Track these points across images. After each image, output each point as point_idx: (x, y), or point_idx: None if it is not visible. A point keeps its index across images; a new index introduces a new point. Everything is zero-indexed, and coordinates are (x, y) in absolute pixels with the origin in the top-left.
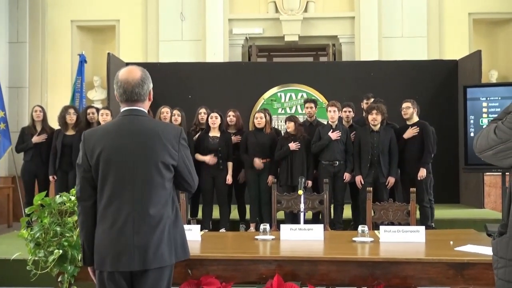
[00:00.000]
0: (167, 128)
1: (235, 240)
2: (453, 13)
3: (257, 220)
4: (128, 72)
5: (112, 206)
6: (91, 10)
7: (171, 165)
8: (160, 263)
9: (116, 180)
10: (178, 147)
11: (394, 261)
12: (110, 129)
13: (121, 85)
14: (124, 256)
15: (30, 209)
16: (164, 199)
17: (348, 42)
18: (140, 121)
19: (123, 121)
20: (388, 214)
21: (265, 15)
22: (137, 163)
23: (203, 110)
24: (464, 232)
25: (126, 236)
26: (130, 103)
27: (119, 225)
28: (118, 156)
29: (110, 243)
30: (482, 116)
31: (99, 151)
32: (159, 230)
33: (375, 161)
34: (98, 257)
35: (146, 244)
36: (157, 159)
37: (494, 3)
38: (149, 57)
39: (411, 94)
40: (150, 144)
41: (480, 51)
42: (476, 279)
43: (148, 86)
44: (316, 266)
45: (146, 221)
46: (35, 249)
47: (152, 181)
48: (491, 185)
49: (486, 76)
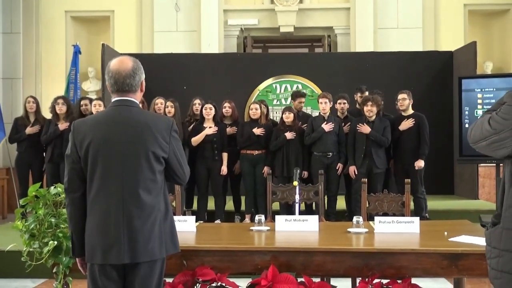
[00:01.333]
0: (158, 120)
1: (230, 231)
2: (448, 4)
3: (252, 211)
4: (119, 62)
5: (101, 198)
6: (86, 1)
7: (162, 157)
8: (150, 256)
9: (105, 172)
10: (169, 139)
11: (389, 251)
12: (100, 120)
13: (112, 76)
14: (114, 248)
15: (25, 200)
16: (155, 191)
17: (344, 33)
18: (131, 112)
19: (114, 111)
20: (383, 205)
21: (261, 6)
22: (126, 154)
23: (198, 101)
24: (459, 223)
25: (116, 228)
26: (121, 93)
27: (108, 217)
28: (108, 147)
29: (99, 236)
30: (477, 107)
31: (88, 141)
32: (149, 223)
33: (369, 152)
34: (89, 250)
35: (136, 237)
36: (147, 151)
37: None
38: (144, 48)
39: (406, 85)
40: (140, 136)
41: (475, 42)
42: (470, 269)
43: (140, 77)
44: (311, 257)
45: (136, 214)
46: (30, 240)
47: (142, 173)
48: (486, 176)
49: (481, 67)
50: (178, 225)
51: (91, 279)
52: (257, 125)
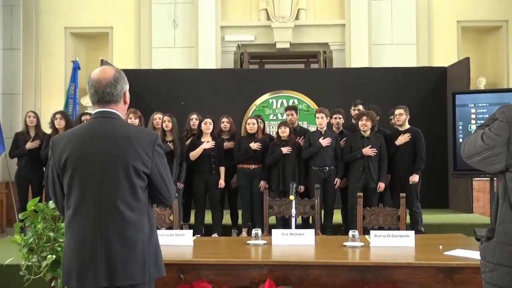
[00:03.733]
0: (141, 133)
1: (227, 245)
2: (441, 20)
3: (249, 225)
4: (100, 71)
5: (78, 216)
6: (85, 17)
7: (143, 172)
8: (130, 280)
9: (83, 188)
10: (152, 154)
11: (384, 265)
12: (79, 133)
13: (92, 85)
14: (90, 271)
15: (24, 214)
16: (138, 210)
17: (339, 49)
18: (112, 124)
19: (93, 124)
20: (378, 219)
21: (257, 23)
22: (105, 169)
23: (195, 116)
24: (453, 236)
25: (92, 249)
26: (102, 104)
27: (85, 237)
28: (85, 162)
29: (75, 258)
30: (471, 122)
31: (65, 156)
32: (129, 243)
33: (366, 166)
34: (65, 272)
35: (114, 259)
36: (127, 165)
37: (482, 11)
38: (142, 63)
39: (401, 101)
40: (119, 149)
41: (468, 58)
42: (465, 283)
43: (122, 87)
44: (307, 271)
45: (114, 233)
46: (29, 254)
47: (121, 188)
48: (480, 190)
49: (474, 83)
50: (176, 239)
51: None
52: (254, 139)
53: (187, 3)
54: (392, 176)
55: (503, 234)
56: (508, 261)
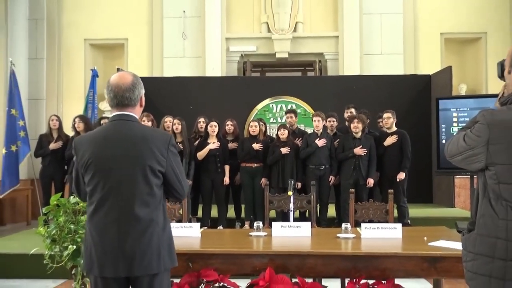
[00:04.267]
0: (156, 134)
1: (231, 236)
2: (426, 32)
3: (251, 218)
4: (119, 77)
5: (99, 212)
6: (102, 30)
7: (158, 171)
8: (146, 270)
9: (103, 187)
10: (166, 154)
11: (374, 255)
12: (98, 135)
13: (111, 90)
14: (110, 262)
15: (47, 208)
16: (153, 205)
17: (333, 59)
18: (129, 127)
19: (112, 126)
20: (369, 212)
21: (259, 35)
22: (123, 169)
23: (202, 119)
24: (437, 229)
25: (113, 242)
26: (121, 108)
27: (106, 231)
28: (105, 162)
29: (97, 249)
30: (453, 125)
31: (87, 157)
32: (146, 237)
33: (356, 165)
34: (87, 262)
35: (133, 251)
36: (144, 165)
37: (463, 24)
38: (155, 72)
39: (389, 105)
40: (137, 150)
41: (450, 66)
42: (447, 271)
43: (139, 92)
44: (304, 260)
45: (133, 228)
46: (51, 245)
47: (138, 187)
48: (461, 187)
49: (456, 89)
50: (185, 231)
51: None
52: (256, 140)
53: (195, 17)
54: (381, 173)
55: (483, 227)
56: (487, 251)
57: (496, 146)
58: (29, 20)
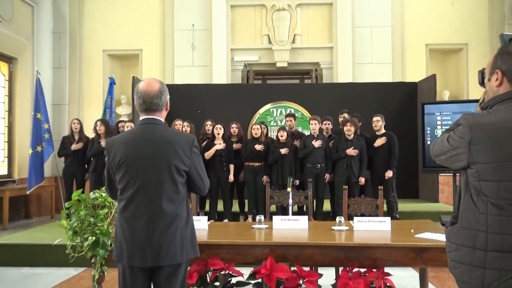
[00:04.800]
0: (181, 137)
1: (235, 228)
2: (412, 43)
3: (254, 212)
4: (147, 84)
5: (129, 207)
6: (119, 41)
7: (183, 170)
8: (171, 260)
9: (133, 184)
10: (190, 154)
11: (366, 246)
12: (129, 138)
13: (140, 96)
14: (138, 252)
15: (69, 203)
16: (178, 201)
17: (328, 68)
18: (156, 130)
19: (141, 129)
20: (361, 207)
21: (261, 46)
22: (151, 168)
23: (209, 122)
24: (423, 222)
25: (142, 235)
26: (149, 112)
27: (136, 224)
28: (135, 162)
29: (127, 241)
30: (437, 128)
31: (119, 157)
32: (171, 230)
33: (349, 164)
34: (117, 252)
35: (159, 243)
36: (170, 165)
37: (446, 35)
38: (166, 79)
39: (379, 110)
40: (164, 151)
41: (435, 74)
42: (432, 260)
43: (165, 97)
44: (302, 250)
45: (160, 222)
46: (73, 236)
47: (165, 185)
48: (444, 184)
49: (440, 95)
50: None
51: (121, 276)
52: (258, 142)
53: (203, 30)
54: (372, 171)
55: (465, 220)
56: (468, 242)
57: (477, 146)
58: (53, 33)
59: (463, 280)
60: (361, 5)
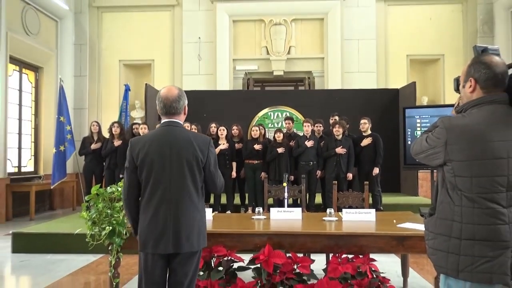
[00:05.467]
0: (198, 138)
1: (237, 219)
2: (395, 54)
3: (253, 204)
4: (167, 90)
5: (153, 200)
6: (134, 52)
7: (201, 167)
8: (189, 248)
9: (156, 179)
10: (207, 153)
11: (353, 234)
12: (152, 138)
13: (161, 101)
14: (162, 241)
15: (89, 197)
16: (197, 195)
17: (319, 76)
18: (176, 131)
19: (162, 131)
20: (348, 200)
21: (259, 56)
22: (172, 165)
23: (213, 124)
24: (404, 213)
25: (164, 225)
26: (169, 115)
27: (158, 215)
28: (158, 159)
29: (151, 231)
30: (416, 129)
31: (143, 155)
32: (190, 221)
33: (338, 162)
34: (142, 241)
35: (180, 232)
36: (190, 161)
37: (425, 47)
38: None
39: (365, 113)
40: (183, 150)
41: (414, 82)
42: (412, 248)
43: (183, 102)
44: (296, 238)
45: (180, 214)
46: (92, 226)
47: (185, 180)
48: (423, 179)
49: (419, 100)
50: None
51: (143, 263)
52: (257, 142)
53: (208, 42)
54: (358, 168)
55: (442, 212)
56: (445, 231)
57: (453, 146)
58: (75, 45)
59: (440, 265)
60: (349, 20)
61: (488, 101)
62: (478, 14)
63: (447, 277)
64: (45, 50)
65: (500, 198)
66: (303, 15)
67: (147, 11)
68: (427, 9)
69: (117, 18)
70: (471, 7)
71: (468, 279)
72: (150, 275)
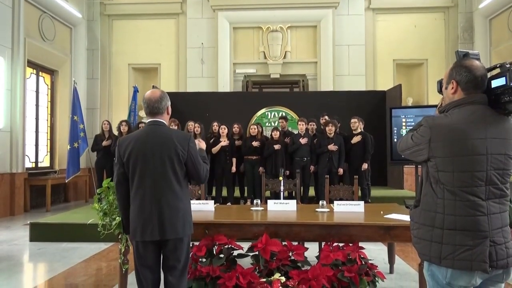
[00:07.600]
0: (179, 135)
1: (237, 210)
2: (382, 59)
3: (252, 197)
4: (151, 92)
5: (139, 191)
6: (142, 57)
7: (182, 162)
8: (175, 235)
9: (141, 172)
10: (187, 149)
11: (344, 224)
12: (137, 136)
13: (145, 102)
14: (148, 229)
15: (100, 190)
16: (180, 187)
17: (313, 79)
18: (159, 129)
19: (147, 130)
20: (340, 193)
21: (257, 60)
22: (155, 160)
23: (215, 123)
24: (390, 205)
25: (150, 215)
26: (153, 115)
27: (144, 205)
28: (142, 155)
29: (138, 219)
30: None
31: (129, 152)
32: (174, 210)
33: (330, 158)
34: (132, 230)
35: (164, 220)
36: (171, 157)
37: (410, 52)
38: (180, 88)
39: (355, 113)
40: (165, 146)
41: (400, 84)
42: (398, 237)
43: (165, 103)
44: (292, 228)
45: (165, 205)
46: (103, 217)
47: (168, 174)
48: (408, 174)
49: (405, 101)
50: (202, 206)
51: (135, 249)
52: (255, 139)
53: (210, 47)
54: (349, 164)
55: (426, 204)
56: (428, 222)
57: (436, 143)
58: (87, 50)
59: (424, 253)
60: (340, 27)
61: (468, 102)
62: (459, 22)
63: (430, 264)
64: (60, 54)
65: (479, 192)
66: (298, 22)
67: (154, 19)
68: (412, 18)
69: (127, 25)
70: (453, 15)
71: (450, 266)
72: (143, 260)
